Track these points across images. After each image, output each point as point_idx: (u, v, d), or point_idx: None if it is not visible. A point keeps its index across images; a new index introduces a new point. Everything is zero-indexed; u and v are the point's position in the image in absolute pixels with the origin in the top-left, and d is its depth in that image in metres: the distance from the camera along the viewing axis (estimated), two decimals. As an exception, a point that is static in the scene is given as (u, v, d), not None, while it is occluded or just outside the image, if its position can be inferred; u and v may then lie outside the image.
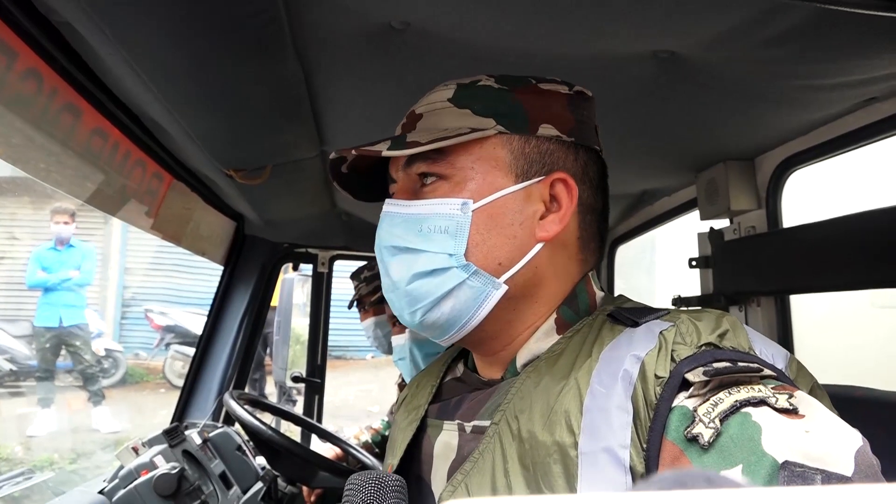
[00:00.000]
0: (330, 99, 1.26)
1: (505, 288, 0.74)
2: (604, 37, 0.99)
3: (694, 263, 1.77)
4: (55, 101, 1.07)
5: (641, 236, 2.31)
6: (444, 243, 0.74)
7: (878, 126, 1.20)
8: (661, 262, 4.21)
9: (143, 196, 1.54)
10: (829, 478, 0.49)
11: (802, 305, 1.57)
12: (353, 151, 0.75)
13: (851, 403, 1.10)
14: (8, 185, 7.89)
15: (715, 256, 1.68)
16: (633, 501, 0.18)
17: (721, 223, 1.70)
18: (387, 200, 0.80)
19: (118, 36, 0.91)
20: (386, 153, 0.73)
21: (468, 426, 0.76)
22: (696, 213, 1.79)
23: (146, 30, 0.91)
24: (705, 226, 1.76)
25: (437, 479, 0.78)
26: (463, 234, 0.73)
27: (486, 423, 0.73)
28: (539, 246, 0.76)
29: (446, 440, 0.79)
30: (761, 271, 1.48)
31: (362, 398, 7.34)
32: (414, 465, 0.84)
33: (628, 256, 2.49)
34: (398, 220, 0.77)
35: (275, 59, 1.03)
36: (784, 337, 1.52)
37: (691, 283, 1.85)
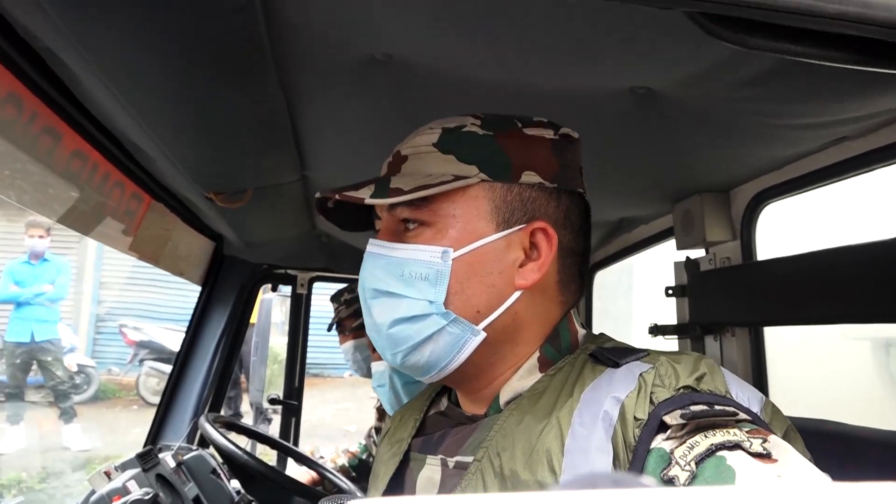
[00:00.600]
0: (312, 125, 1.27)
1: (483, 335, 0.75)
2: (583, 73, 1.01)
3: (670, 292, 1.79)
4: (35, 125, 1.07)
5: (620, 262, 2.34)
6: (424, 290, 0.74)
7: (848, 164, 1.23)
8: (638, 287, 4.26)
9: (121, 217, 1.53)
10: None
11: (776, 336, 1.59)
12: (337, 196, 0.76)
13: (822, 438, 1.12)
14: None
15: (691, 286, 1.70)
16: (551, 500, 0.19)
17: (697, 253, 1.73)
18: (370, 241, 0.80)
19: (100, 63, 0.91)
20: (368, 201, 0.74)
21: (451, 461, 0.77)
22: (672, 242, 1.82)
23: (128, 57, 0.91)
24: (681, 254, 1.78)
25: None
26: (443, 282, 0.74)
27: (469, 458, 0.74)
28: (517, 294, 0.76)
29: (429, 475, 0.79)
30: (736, 302, 1.50)
31: (339, 417, 7.29)
32: None
33: (607, 281, 2.52)
34: (381, 262, 0.78)
35: (257, 86, 1.04)
36: (758, 367, 1.54)
37: (668, 309, 1.87)
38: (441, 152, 0.77)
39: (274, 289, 2.62)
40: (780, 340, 1.66)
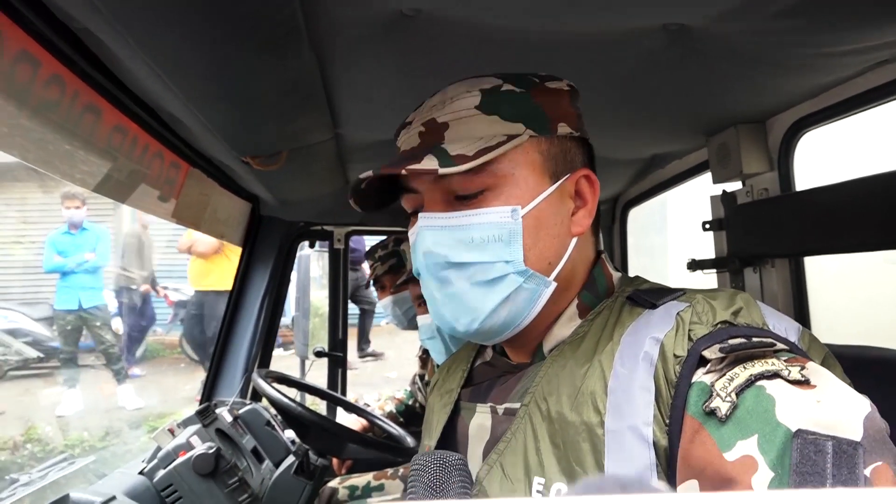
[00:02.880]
0: (344, 85, 1.28)
1: (554, 285, 0.78)
2: (614, 13, 1.00)
3: (707, 226, 1.79)
4: (77, 104, 1.09)
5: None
6: (499, 251, 0.75)
7: (888, 87, 1.20)
8: (672, 221, 4.23)
9: (162, 186, 1.57)
10: (840, 443, 0.52)
11: (816, 263, 1.59)
12: (403, 171, 0.74)
13: (866, 364, 1.13)
14: (15, 170, 7.94)
15: (728, 219, 1.69)
16: None
17: (733, 186, 1.71)
18: (422, 215, 0.79)
19: (136, 38, 0.93)
20: (443, 171, 0.72)
21: (500, 408, 0.81)
22: (706, 175, 1.80)
23: (163, 30, 0.92)
24: (716, 188, 1.77)
25: (473, 459, 0.82)
26: (517, 240, 0.75)
27: (517, 405, 0.77)
28: (574, 240, 0.80)
29: (480, 422, 0.83)
30: (775, 234, 1.49)
31: (379, 365, 7.44)
32: (450, 445, 0.88)
33: (640, 216, 2.51)
34: (443, 233, 0.77)
35: (290, 50, 1.05)
36: (799, 297, 1.55)
37: (703, 242, 1.87)
38: (485, 114, 0.78)
39: (311, 245, 2.66)
40: (821, 269, 1.66)
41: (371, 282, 2.24)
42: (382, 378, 6.86)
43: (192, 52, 1.00)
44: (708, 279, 1.81)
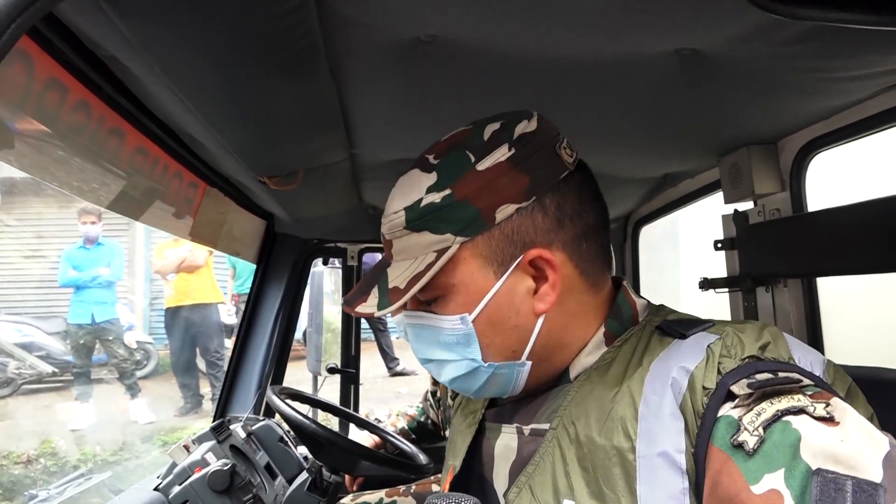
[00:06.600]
0: (360, 107, 1.30)
1: (529, 363, 0.80)
2: (628, 39, 1.01)
3: (720, 245, 1.79)
4: (102, 128, 1.12)
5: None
6: (462, 352, 0.80)
7: (899, 111, 1.21)
8: (684, 238, 4.24)
9: (180, 205, 1.59)
10: (860, 483, 0.53)
11: (828, 284, 1.59)
12: (353, 312, 0.82)
13: (882, 386, 1.13)
14: (31, 185, 8.04)
15: (740, 238, 1.70)
16: None
17: (745, 205, 1.72)
18: (405, 313, 0.85)
19: (161, 65, 0.95)
20: (378, 313, 0.79)
21: (526, 429, 0.82)
22: (718, 194, 1.81)
23: (187, 57, 0.95)
24: (727, 207, 1.77)
25: (499, 479, 0.83)
26: (473, 342, 0.79)
27: (545, 426, 0.78)
28: (542, 318, 0.79)
29: (506, 442, 0.84)
30: (787, 254, 1.50)
31: (390, 380, 7.44)
32: (476, 464, 0.90)
33: (653, 234, 2.52)
34: (418, 331, 0.84)
35: (309, 75, 1.07)
36: (811, 317, 1.55)
37: (716, 259, 1.88)
38: (414, 232, 0.79)
39: (325, 262, 2.67)
40: (834, 289, 1.66)
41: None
42: (393, 393, 6.85)
43: (214, 76, 1.02)
44: (719, 298, 1.81)
